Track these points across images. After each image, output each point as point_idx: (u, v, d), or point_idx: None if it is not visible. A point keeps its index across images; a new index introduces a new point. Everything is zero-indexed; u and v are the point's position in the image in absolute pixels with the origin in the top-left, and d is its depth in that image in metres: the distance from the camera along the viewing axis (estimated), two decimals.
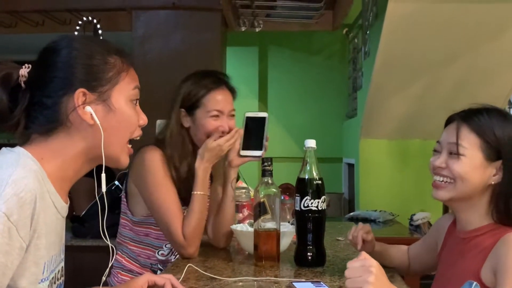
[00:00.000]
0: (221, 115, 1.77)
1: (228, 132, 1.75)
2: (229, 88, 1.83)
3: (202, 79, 1.80)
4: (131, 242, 1.81)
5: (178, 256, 1.79)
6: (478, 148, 1.30)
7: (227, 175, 1.79)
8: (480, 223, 1.33)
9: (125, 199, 1.83)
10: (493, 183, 1.30)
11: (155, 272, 1.77)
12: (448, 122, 1.39)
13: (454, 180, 1.33)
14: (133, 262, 1.81)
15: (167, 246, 1.80)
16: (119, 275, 1.80)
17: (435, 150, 1.39)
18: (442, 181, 1.35)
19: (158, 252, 1.80)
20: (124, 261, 1.81)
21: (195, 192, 1.71)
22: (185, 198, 1.75)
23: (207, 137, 1.74)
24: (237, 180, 1.88)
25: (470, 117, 1.33)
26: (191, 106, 1.78)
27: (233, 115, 1.81)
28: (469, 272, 1.27)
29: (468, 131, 1.31)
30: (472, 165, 1.30)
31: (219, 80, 1.82)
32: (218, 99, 1.77)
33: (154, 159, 1.72)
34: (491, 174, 1.30)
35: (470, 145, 1.30)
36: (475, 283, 1.08)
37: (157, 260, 1.80)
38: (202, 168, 1.71)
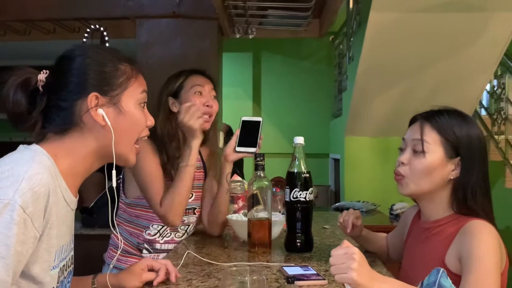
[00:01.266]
0: (204, 92, 1.81)
1: (209, 109, 1.78)
2: (206, 75, 1.87)
3: (180, 73, 1.87)
4: (125, 223, 1.83)
5: (165, 238, 1.81)
6: (439, 144, 1.30)
7: (222, 169, 1.79)
8: (442, 214, 1.33)
9: (121, 184, 1.86)
10: (452, 178, 1.31)
11: (140, 251, 1.80)
12: (412, 121, 1.40)
13: (410, 176, 1.33)
14: (123, 241, 1.83)
15: (153, 226, 1.81)
16: (111, 251, 1.84)
17: (400, 148, 1.39)
18: (399, 175, 1.35)
19: (145, 231, 1.81)
20: (116, 239, 1.85)
21: (183, 164, 1.72)
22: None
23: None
24: (232, 174, 1.88)
25: (432, 116, 1.33)
26: (176, 91, 1.82)
27: (215, 97, 1.84)
28: (434, 257, 1.27)
29: (431, 129, 1.32)
30: (434, 162, 1.30)
31: (195, 69, 1.88)
32: (197, 77, 1.83)
33: (145, 146, 1.72)
34: (450, 169, 1.30)
35: (433, 141, 1.31)
36: (442, 269, 1.07)
37: (144, 239, 1.81)
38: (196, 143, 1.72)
